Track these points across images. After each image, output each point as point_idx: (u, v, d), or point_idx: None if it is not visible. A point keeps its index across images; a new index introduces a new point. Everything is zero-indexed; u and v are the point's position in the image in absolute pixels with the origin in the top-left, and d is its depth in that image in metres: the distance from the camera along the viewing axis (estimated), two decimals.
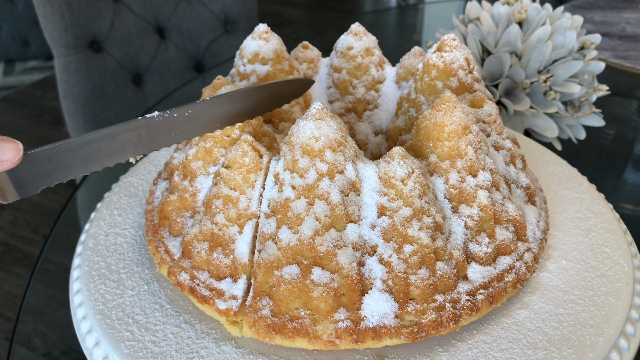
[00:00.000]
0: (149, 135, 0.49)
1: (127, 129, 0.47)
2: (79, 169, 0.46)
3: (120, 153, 0.48)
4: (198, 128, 0.51)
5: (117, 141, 0.47)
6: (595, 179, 0.70)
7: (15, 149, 0.39)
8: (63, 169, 0.44)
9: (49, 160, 0.43)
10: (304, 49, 0.74)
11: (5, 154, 0.38)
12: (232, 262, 0.50)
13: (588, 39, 0.96)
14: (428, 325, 0.47)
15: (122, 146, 0.47)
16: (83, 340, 0.51)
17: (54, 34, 1.26)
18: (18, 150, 0.39)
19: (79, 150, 0.45)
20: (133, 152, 0.48)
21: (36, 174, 0.43)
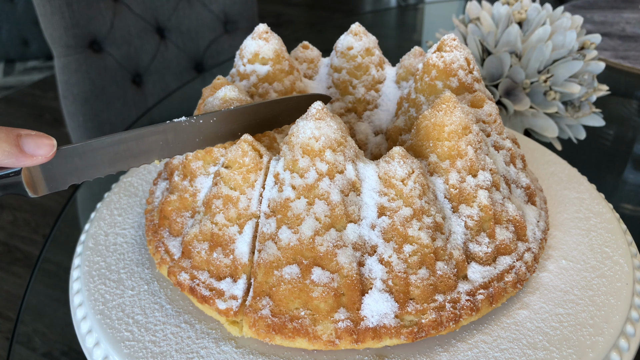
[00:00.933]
0: (175, 139, 0.50)
1: (155, 131, 0.49)
2: (107, 167, 0.47)
3: (147, 155, 0.49)
4: (220, 136, 0.53)
5: (145, 143, 0.49)
6: (595, 179, 0.70)
7: (50, 145, 0.41)
8: (92, 166, 0.46)
9: (80, 157, 0.45)
10: (304, 49, 0.74)
11: (40, 148, 0.40)
12: (232, 262, 0.50)
13: (588, 39, 0.96)
14: (428, 325, 0.47)
15: (149, 148, 0.49)
16: (83, 340, 0.51)
17: (54, 34, 1.26)
18: (52, 145, 0.41)
19: (109, 148, 0.47)
20: (159, 154, 0.50)
21: (67, 170, 0.45)
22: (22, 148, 0.40)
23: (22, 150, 0.40)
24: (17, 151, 0.39)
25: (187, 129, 0.51)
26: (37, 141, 0.40)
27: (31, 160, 0.40)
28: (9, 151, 0.39)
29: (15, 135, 0.39)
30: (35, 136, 0.40)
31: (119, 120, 1.41)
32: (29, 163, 0.40)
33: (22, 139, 0.40)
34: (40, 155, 0.41)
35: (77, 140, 1.37)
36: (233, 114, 0.53)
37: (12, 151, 0.39)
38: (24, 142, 0.40)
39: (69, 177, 0.45)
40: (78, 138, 1.37)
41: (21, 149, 0.40)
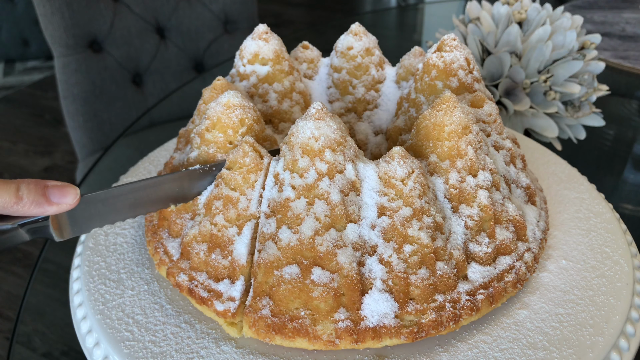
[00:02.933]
0: (189, 186, 0.54)
1: (172, 179, 0.53)
2: (127, 213, 0.51)
3: (164, 201, 0.53)
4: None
5: (162, 190, 0.53)
6: (595, 179, 0.70)
7: (74, 194, 0.45)
8: (113, 212, 0.50)
9: (102, 203, 0.49)
10: (304, 49, 0.74)
11: (65, 198, 0.44)
12: (230, 264, 0.50)
13: (588, 39, 0.96)
14: (428, 325, 0.47)
15: (166, 194, 0.53)
16: (83, 340, 0.51)
17: (54, 34, 1.26)
18: (76, 194, 0.45)
19: (129, 195, 0.51)
20: (174, 200, 0.54)
21: (90, 215, 0.48)
22: (49, 198, 0.43)
23: (50, 200, 0.43)
24: (44, 201, 0.43)
25: (201, 176, 0.54)
26: (63, 191, 0.44)
27: (57, 208, 0.44)
28: (38, 201, 0.43)
29: (43, 186, 0.43)
30: (61, 187, 0.44)
31: (119, 120, 1.41)
32: (55, 211, 0.44)
33: (49, 190, 0.44)
34: (65, 203, 0.44)
35: (77, 140, 1.37)
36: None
37: (40, 201, 0.43)
38: (50, 192, 0.44)
39: (91, 222, 0.49)
40: (78, 138, 1.37)
41: (48, 198, 0.43)
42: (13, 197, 0.42)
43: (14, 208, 0.42)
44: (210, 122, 0.54)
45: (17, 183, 0.42)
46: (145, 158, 0.76)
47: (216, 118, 0.54)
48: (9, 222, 0.44)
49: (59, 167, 2.32)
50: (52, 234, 0.46)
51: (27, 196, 0.43)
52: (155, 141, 0.81)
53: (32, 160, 2.37)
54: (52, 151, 2.43)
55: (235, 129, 0.54)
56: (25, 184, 0.43)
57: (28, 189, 0.43)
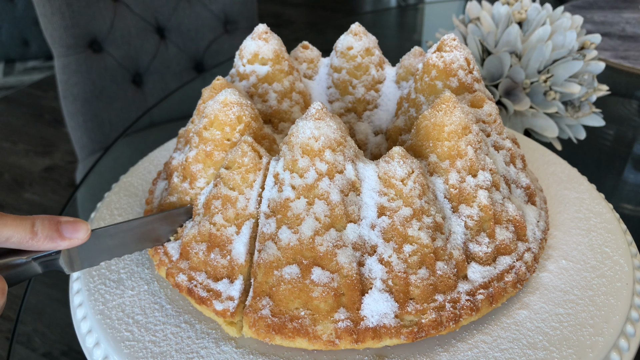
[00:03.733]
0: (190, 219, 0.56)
1: (178, 214, 0.55)
2: (134, 246, 0.53)
3: (169, 234, 0.55)
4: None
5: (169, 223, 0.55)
6: (595, 179, 0.70)
7: (85, 229, 0.47)
8: (121, 245, 0.52)
9: (111, 238, 0.51)
10: (304, 49, 0.74)
11: (77, 233, 0.47)
12: (229, 263, 0.50)
13: (588, 39, 0.96)
14: (428, 325, 0.47)
15: (172, 228, 0.55)
16: (83, 340, 0.51)
17: (54, 34, 1.26)
18: (87, 230, 0.47)
19: (136, 230, 0.53)
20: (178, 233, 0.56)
21: (99, 249, 0.51)
22: (62, 233, 0.46)
23: (63, 235, 0.46)
24: (57, 236, 0.46)
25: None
26: (75, 226, 0.46)
27: (70, 243, 0.46)
28: (52, 236, 0.45)
29: (56, 222, 0.46)
30: (73, 222, 0.47)
31: (119, 120, 1.41)
32: (67, 245, 0.47)
33: (62, 226, 0.46)
34: (77, 238, 0.47)
35: (77, 140, 1.37)
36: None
37: (54, 236, 0.45)
38: (63, 228, 0.46)
39: (101, 256, 0.51)
40: (78, 138, 1.37)
41: (61, 233, 0.46)
42: (29, 233, 0.44)
43: (29, 243, 0.44)
44: (207, 120, 0.54)
45: (32, 219, 0.45)
46: (145, 158, 0.76)
47: (213, 116, 0.54)
48: (23, 256, 0.46)
49: (59, 167, 2.32)
50: (63, 267, 0.48)
51: (42, 232, 0.45)
52: (155, 141, 0.81)
53: (32, 160, 2.37)
54: (52, 151, 2.43)
55: (232, 126, 0.54)
56: (40, 220, 0.45)
57: (42, 224, 0.45)
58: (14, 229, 0.43)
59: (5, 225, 0.43)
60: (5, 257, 0.45)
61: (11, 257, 0.45)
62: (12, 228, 0.43)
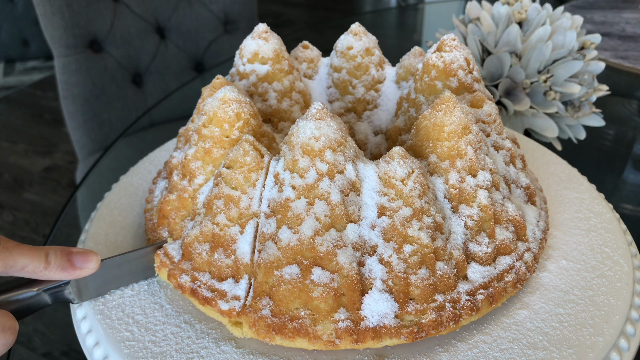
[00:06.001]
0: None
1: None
2: (141, 275, 0.55)
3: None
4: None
5: None
6: (595, 179, 0.70)
7: (96, 260, 0.49)
8: (128, 274, 0.54)
9: (118, 267, 0.53)
10: (304, 49, 0.74)
11: (88, 263, 0.48)
12: (233, 263, 0.50)
13: (588, 39, 0.96)
14: (428, 325, 0.47)
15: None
16: (83, 340, 0.51)
17: (54, 34, 1.26)
18: (98, 260, 0.49)
19: (142, 259, 0.55)
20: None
21: (107, 279, 0.53)
22: (73, 263, 0.47)
23: (74, 265, 0.47)
24: (69, 265, 0.47)
25: None
26: (86, 257, 0.48)
27: (80, 272, 0.48)
28: (64, 266, 0.47)
29: (68, 252, 0.47)
30: (83, 253, 0.48)
31: (119, 120, 1.41)
32: (78, 275, 0.48)
33: (74, 256, 0.48)
34: (88, 268, 0.48)
35: (77, 140, 1.37)
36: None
37: (65, 266, 0.47)
38: (75, 258, 0.48)
39: (109, 285, 0.53)
40: (78, 138, 1.37)
41: (73, 263, 0.47)
42: (43, 262, 0.45)
43: (42, 273, 0.46)
44: (206, 117, 0.54)
45: (45, 250, 0.46)
46: (145, 158, 0.76)
47: (212, 113, 0.54)
48: (34, 287, 0.47)
49: (59, 167, 2.32)
50: (72, 298, 0.50)
51: (54, 261, 0.46)
52: (155, 141, 0.81)
53: (32, 160, 2.37)
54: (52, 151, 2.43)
55: (231, 123, 0.54)
56: (53, 251, 0.46)
57: (55, 255, 0.46)
58: (29, 258, 0.45)
59: (22, 254, 0.44)
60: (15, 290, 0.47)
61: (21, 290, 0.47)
62: (28, 257, 0.45)
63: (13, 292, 0.46)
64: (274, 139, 0.60)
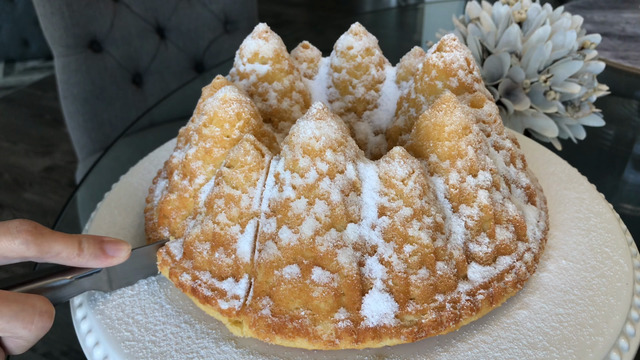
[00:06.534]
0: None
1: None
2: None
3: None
4: None
5: None
6: (595, 179, 0.70)
7: (127, 248, 0.50)
8: (156, 264, 0.55)
9: (147, 257, 0.54)
10: (304, 49, 0.74)
11: (119, 251, 0.50)
12: (234, 262, 0.50)
13: (588, 39, 0.96)
14: (428, 325, 0.47)
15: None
16: (83, 340, 0.51)
17: (54, 34, 1.26)
18: (129, 249, 0.51)
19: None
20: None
21: (136, 268, 0.54)
22: (106, 251, 0.49)
23: (106, 253, 0.49)
24: (101, 253, 0.49)
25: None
26: (117, 246, 0.50)
27: (112, 261, 0.49)
28: (96, 254, 0.48)
29: (100, 241, 0.49)
30: (115, 242, 0.50)
31: (119, 120, 1.41)
32: (109, 263, 0.50)
33: (106, 245, 0.49)
34: (119, 256, 0.50)
35: (77, 140, 1.37)
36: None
37: (98, 254, 0.48)
38: (107, 247, 0.49)
39: (138, 274, 0.55)
40: (78, 138, 1.37)
41: (105, 252, 0.49)
42: (76, 249, 0.47)
43: (76, 260, 0.47)
44: (207, 117, 0.54)
45: (79, 237, 0.48)
46: (145, 158, 0.76)
47: (213, 112, 0.54)
48: (67, 275, 0.48)
49: (59, 167, 2.32)
50: (103, 286, 0.52)
51: (88, 249, 0.48)
52: (155, 141, 0.81)
53: (32, 160, 2.37)
54: (52, 151, 2.43)
55: (232, 122, 0.54)
56: (86, 238, 0.48)
57: (88, 242, 0.48)
58: (64, 244, 0.46)
59: (56, 241, 0.46)
60: (50, 277, 0.48)
61: (55, 277, 0.48)
62: (62, 244, 0.46)
63: (48, 280, 0.47)
64: (275, 138, 0.60)
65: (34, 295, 0.44)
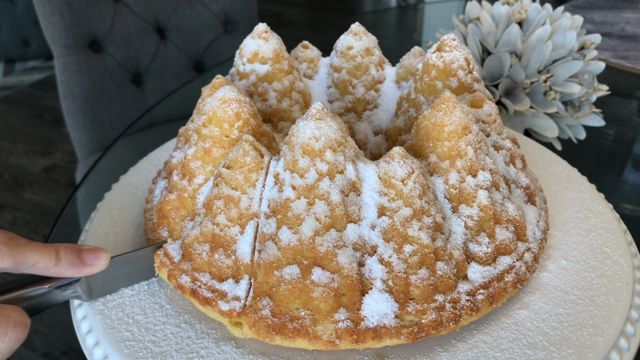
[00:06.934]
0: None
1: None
2: (150, 271, 0.55)
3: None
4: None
5: None
6: (595, 179, 0.70)
7: (106, 257, 0.49)
8: (137, 272, 0.54)
9: (128, 264, 0.53)
10: (304, 49, 0.74)
11: (98, 260, 0.49)
12: (234, 263, 0.50)
13: (588, 39, 0.96)
14: (428, 325, 0.47)
15: None
16: (83, 340, 0.51)
17: (54, 34, 1.26)
18: (108, 257, 0.49)
19: (152, 256, 0.55)
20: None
21: (117, 276, 0.53)
22: (84, 260, 0.48)
23: (84, 262, 0.48)
24: (79, 262, 0.47)
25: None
26: (96, 254, 0.49)
27: (90, 270, 0.48)
28: (74, 263, 0.47)
29: (78, 250, 0.48)
30: (93, 250, 0.49)
31: (119, 120, 1.41)
32: (88, 272, 0.48)
33: (84, 253, 0.48)
34: (98, 265, 0.49)
35: (77, 140, 1.37)
36: None
37: (76, 262, 0.47)
38: (85, 255, 0.48)
39: (118, 282, 0.54)
40: (78, 138, 1.37)
41: (83, 260, 0.48)
42: (53, 259, 0.46)
43: (53, 270, 0.46)
44: (206, 117, 0.54)
45: (56, 247, 0.46)
46: (145, 158, 0.76)
47: (212, 112, 0.54)
48: (45, 285, 0.47)
49: (59, 167, 2.32)
50: (82, 295, 0.51)
51: (65, 258, 0.46)
52: (155, 141, 0.81)
53: (32, 160, 2.37)
54: (52, 151, 2.43)
55: (231, 122, 0.54)
56: (63, 248, 0.47)
57: (66, 252, 0.47)
58: (40, 255, 0.45)
59: (32, 251, 0.44)
60: (27, 287, 0.47)
61: (32, 287, 0.47)
62: (39, 254, 0.45)
63: (25, 289, 0.46)
64: (274, 138, 0.60)
65: (8, 305, 0.43)
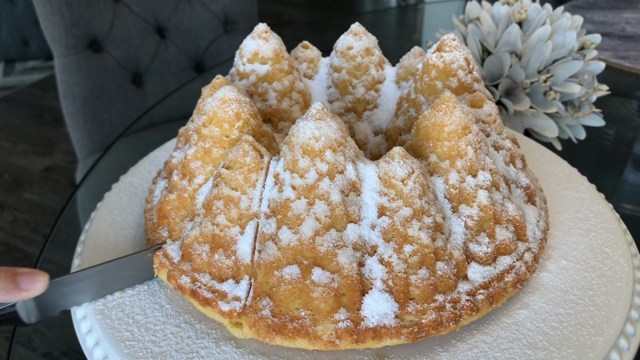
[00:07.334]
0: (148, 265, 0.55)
1: (136, 259, 0.54)
2: (94, 294, 0.53)
3: (130, 279, 0.54)
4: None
5: (127, 269, 0.54)
6: (595, 179, 0.70)
7: (44, 280, 0.46)
8: (79, 293, 0.52)
9: (69, 287, 0.51)
10: (304, 49, 0.74)
11: (35, 284, 0.45)
12: (234, 263, 0.50)
13: (588, 39, 0.96)
14: (428, 325, 0.47)
15: (133, 272, 0.54)
16: (83, 340, 0.51)
17: (54, 34, 1.26)
18: (46, 280, 0.46)
19: (94, 278, 0.52)
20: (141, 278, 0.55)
21: (57, 299, 0.50)
22: (19, 285, 0.44)
23: (19, 287, 0.44)
24: (14, 287, 0.44)
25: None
26: (32, 277, 0.45)
27: (27, 294, 0.45)
28: (7, 288, 0.44)
29: (13, 274, 0.44)
30: (30, 273, 0.45)
31: (119, 120, 1.41)
32: (24, 297, 0.45)
33: (19, 277, 0.45)
34: (34, 289, 0.45)
35: (77, 140, 1.37)
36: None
37: (9, 288, 0.44)
38: (20, 279, 0.45)
39: (59, 305, 0.51)
40: (78, 138, 1.37)
41: (18, 285, 0.44)
42: None
43: None
44: (206, 117, 0.54)
45: None
46: (145, 158, 0.76)
47: (212, 112, 0.54)
48: None
49: (59, 167, 2.32)
50: (21, 320, 0.48)
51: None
52: (155, 141, 0.81)
53: (32, 160, 2.37)
54: (52, 151, 2.43)
55: (231, 122, 0.54)
56: None
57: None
58: None
59: None
60: None
61: None
62: None
63: None
64: (274, 139, 0.60)
65: None
